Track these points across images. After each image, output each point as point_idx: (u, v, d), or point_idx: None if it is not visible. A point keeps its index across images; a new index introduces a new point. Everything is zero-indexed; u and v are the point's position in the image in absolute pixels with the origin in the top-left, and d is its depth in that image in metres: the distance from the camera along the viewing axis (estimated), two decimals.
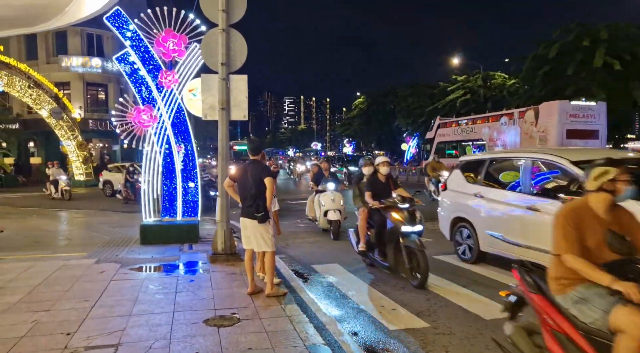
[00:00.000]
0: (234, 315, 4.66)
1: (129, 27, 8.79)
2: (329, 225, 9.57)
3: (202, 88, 7.41)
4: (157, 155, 8.86)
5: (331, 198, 9.62)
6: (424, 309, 5.03)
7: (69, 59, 33.66)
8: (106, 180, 20.92)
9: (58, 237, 9.75)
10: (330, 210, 9.52)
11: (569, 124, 16.88)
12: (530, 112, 18.87)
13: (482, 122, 23.94)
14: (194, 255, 7.58)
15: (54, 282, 5.89)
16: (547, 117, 17.49)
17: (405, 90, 51.17)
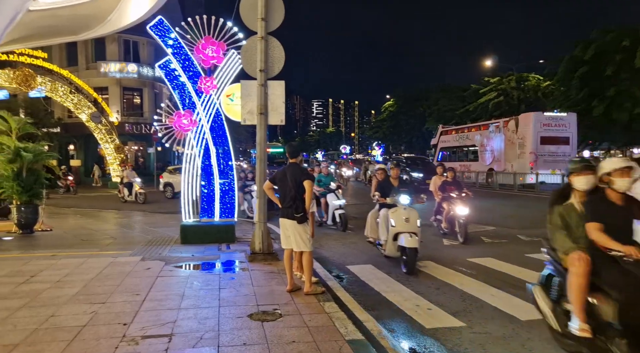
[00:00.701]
0: (275, 310, 4.90)
1: (170, 35, 9.18)
2: (400, 253, 7.13)
3: (242, 94, 7.71)
4: (196, 158, 9.22)
5: (404, 217, 7.06)
6: (460, 309, 5.15)
7: (107, 65, 34.88)
8: (167, 182, 20.54)
9: (103, 236, 10.23)
10: (403, 232, 6.98)
11: (543, 132, 19.55)
12: (512, 122, 21.65)
13: (475, 130, 26.37)
14: (233, 255, 7.88)
15: (106, 277, 6.26)
16: (525, 126, 20.16)
17: (437, 93, 50.85)
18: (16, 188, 10.06)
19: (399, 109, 60.30)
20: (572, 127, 20.31)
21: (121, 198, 18.97)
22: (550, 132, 19.61)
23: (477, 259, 7.55)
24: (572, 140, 19.89)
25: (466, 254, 7.94)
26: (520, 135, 20.33)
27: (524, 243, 9.01)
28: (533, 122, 19.64)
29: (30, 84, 23.29)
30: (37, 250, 8.44)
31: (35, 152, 10.50)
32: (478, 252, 8.11)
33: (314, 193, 9.56)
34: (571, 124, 20.37)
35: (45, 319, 4.57)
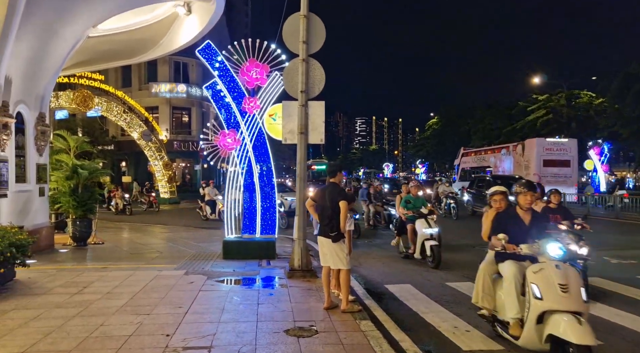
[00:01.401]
0: (312, 327, 4.97)
1: (217, 58, 9.59)
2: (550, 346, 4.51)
3: (283, 114, 7.95)
4: (239, 175, 9.51)
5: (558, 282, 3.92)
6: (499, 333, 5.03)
7: (158, 86, 36.60)
8: None
9: (150, 250, 10.66)
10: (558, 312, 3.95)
11: (545, 156, 21.70)
12: (519, 146, 23.74)
13: (490, 152, 28.93)
14: (272, 271, 8.03)
15: (151, 289, 6.55)
16: (530, 150, 22.30)
17: (482, 110, 49.93)
18: (72, 203, 10.70)
19: (443, 127, 59.57)
20: (572, 151, 22.24)
21: (203, 216, 18.65)
22: (552, 156, 21.64)
23: None
24: (572, 163, 21.84)
25: None
26: (526, 158, 22.41)
27: None
28: (536, 147, 21.89)
29: (88, 104, 24.71)
30: (89, 262, 8.92)
31: (91, 169, 11.14)
32: None
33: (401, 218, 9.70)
34: (572, 148, 22.30)
35: (95, 328, 4.84)
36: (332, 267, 5.82)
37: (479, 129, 48.37)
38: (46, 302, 5.86)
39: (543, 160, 21.38)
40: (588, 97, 37.66)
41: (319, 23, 7.76)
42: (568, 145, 22.37)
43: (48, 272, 7.75)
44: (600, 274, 7.75)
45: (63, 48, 10.25)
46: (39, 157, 10.11)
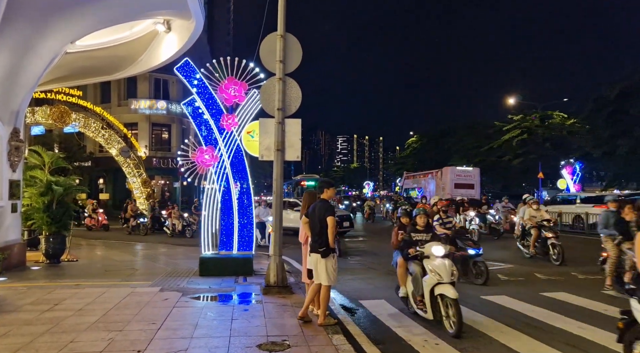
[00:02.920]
0: (284, 341, 5.01)
1: (195, 75, 9.69)
2: None
3: (260, 131, 8.06)
4: (216, 192, 9.54)
5: None
6: (468, 345, 5.15)
7: (137, 102, 36.41)
8: None
9: (125, 267, 10.54)
10: None
11: (456, 180, 26.96)
12: (439, 172, 29.09)
13: (422, 176, 34.52)
14: (248, 287, 8.04)
15: (125, 306, 6.50)
16: (445, 176, 27.61)
17: (462, 130, 50.87)
18: (46, 220, 10.54)
19: (424, 146, 60.36)
20: (476, 177, 27.88)
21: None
22: (461, 180, 26.97)
23: (490, 297, 7.50)
24: (476, 186, 27.11)
25: (479, 293, 7.89)
26: (443, 181, 27.68)
27: (541, 281, 8.89)
28: (450, 173, 27.49)
29: (66, 120, 24.46)
30: (62, 279, 8.78)
31: (66, 185, 11.03)
32: (492, 291, 8.04)
33: None
34: (476, 175, 28.00)
35: (65, 345, 4.80)
36: (315, 281, 5.85)
37: (459, 148, 49.17)
38: (15, 319, 5.77)
39: (454, 183, 26.82)
40: (560, 117, 38.78)
41: (295, 43, 7.96)
42: (473, 173, 28.27)
43: (19, 289, 7.61)
44: (565, 289, 7.97)
45: (39, 63, 10.22)
46: (12, 172, 9.98)
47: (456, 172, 27.72)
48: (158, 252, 13.53)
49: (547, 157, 36.14)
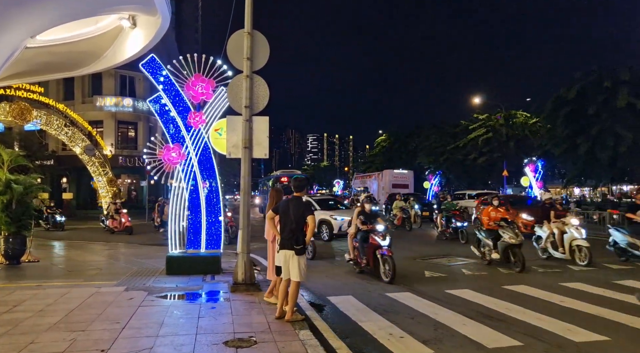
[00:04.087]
0: (251, 338, 5.03)
1: (162, 72, 9.57)
2: None
3: (227, 128, 8.03)
4: (183, 190, 9.43)
5: None
6: (431, 338, 5.30)
7: (103, 99, 35.51)
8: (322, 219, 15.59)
9: (89, 267, 10.30)
10: None
11: (394, 181, 32.01)
12: (380, 174, 34.10)
13: (368, 177, 39.68)
14: (216, 285, 8.00)
15: (88, 306, 6.37)
16: (385, 177, 32.65)
17: (429, 129, 51.72)
18: (4, 220, 10.19)
19: (392, 145, 61.09)
20: (410, 178, 33.25)
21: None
22: (398, 181, 31.95)
23: (454, 291, 7.70)
24: (410, 186, 32.27)
25: (444, 287, 8.10)
26: (384, 182, 32.29)
27: (503, 275, 9.18)
28: (389, 175, 32.70)
29: (26, 117, 23.61)
30: (22, 280, 8.53)
31: (26, 184, 10.69)
32: (455, 286, 8.26)
33: None
34: (410, 177, 33.39)
35: (24, 346, 4.68)
36: (284, 277, 5.88)
37: (425, 146, 49.98)
38: None
39: (392, 184, 31.59)
40: (523, 117, 39.91)
41: (262, 40, 7.95)
42: (407, 175, 33.68)
43: None
44: (526, 282, 8.28)
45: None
46: None
47: (394, 175, 33.33)
48: (122, 251, 13.26)
49: (511, 156, 37.17)
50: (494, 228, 10.20)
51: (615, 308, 6.49)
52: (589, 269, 9.66)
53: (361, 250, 9.35)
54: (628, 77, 24.47)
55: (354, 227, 9.64)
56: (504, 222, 10.10)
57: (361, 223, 9.45)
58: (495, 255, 10.04)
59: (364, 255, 9.25)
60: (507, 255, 9.78)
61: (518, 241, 9.62)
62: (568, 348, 4.90)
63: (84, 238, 16.92)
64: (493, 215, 10.42)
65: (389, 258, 8.58)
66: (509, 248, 9.72)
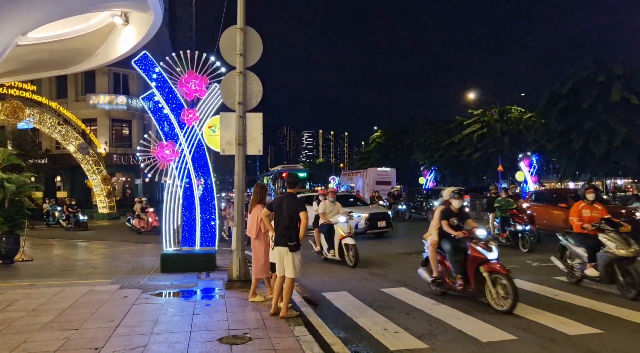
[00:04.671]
0: (245, 334, 5.02)
1: (154, 69, 9.51)
2: None
3: (221, 125, 8.00)
4: (177, 188, 9.40)
5: None
6: (425, 333, 5.31)
7: (96, 97, 35.31)
8: None
9: (84, 266, 10.26)
10: None
11: (377, 178, 32.85)
12: (365, 171, 35.26)
13: (354, 174, 40.68)
14: (211, 282, 7.98)
15: (82, 305, 6.34)
16: (369, 175, 33.61)
17: (423, 125, 51.78)
18: None
19: (387, 141, 61.09)
20: (392, 175, 34.16)
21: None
22: (380, 178, 32.98)
23: None
24: (392, 183, 33.13)
25: None
26: (368, 179, 33.31)
27: None
28: (372, 173, 33.95)
29: (19, 115, 23.46)
30: (15, 280, 8.48)
31: (19, 183, 10.62)
32: None
33: None
34: (391, 174, 34.29)
35: (17, 345, 4.65)
36: (279, 274, 5.88)
37: (420, 142, 50.03)
38: None
39: (376, 181, 32.74)
40: (518, 112, 39.99)
41: (255, 36, 7.92)
42: (389, 172, 34.74)
43: None
44: (520, 276, 8.30)
45: None
46: None
47: (377, 172, 35.07)
48: (116, 250, 13.21)
49: (505, 151, 37.27)
50: (591, 233, 7.33)
51: (610, 301, 6.52)
52: None
53: (453, 265, 6.74)
54: (622, 72, 24.55)
55: (436, 232, 7.11)
56: (606, 224, 7.28)
57: (451, 227, 6.88)
58: (592, 271, 7.26)
59: (457, 272, 6.67)
60: (611, 272, 7.02)
61: (632, 253, 6.79)
62: (562, 341, 4.92)
63: (113, 239, 16.31)
64: (587, 214, 7.64)
65: (505, 277, 6.08)
66: (615, 262, 6.94)
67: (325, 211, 10.71)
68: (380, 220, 15.02)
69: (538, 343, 4.88)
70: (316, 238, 10.93)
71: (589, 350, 4.67)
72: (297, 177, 6.48)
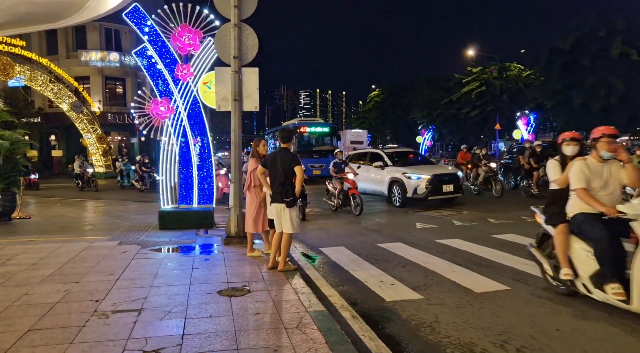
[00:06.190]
0: (244, 287, 5.11)
1: (146, 22, 9.22)
2: None
3: (216, 80, 7.83)
4: (173, 146, 9.32)
5: None
6: (421, 284, 5.41)
7: (88, 54, 34.46)
8: None
9: (82, 223, 10.32)
10: None
11: (351, 138, 34.29)
12: (342, 133, 36.04)
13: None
14: (209, 239, 8.06)
15: (81, 260, 6.41)
16: (346, 136, 34.81)
17: (423, 84, 51.05)
18: None
19: (385, 100, 60.48)
20: (364, 136, 36.02)
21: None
22: (354, 139, 34.36)
23: (444, 241, 7.83)
24: (365, 143, 34.70)
25: (435, 237, 8.22)
26: (344, 139, 34.32)
27: (493, 225, 9.31)
28: (348, 134, 35.62)
29: (9, 72, 22.92)
30: (14, 236, 8.53)
31: (12, 139, 10.50)
32: (447, 235, 8.38)
33: None
34: (364, 134, 36.37)
35: (18, 297, 4.72)
36: (277, 230, 5.91)
37: (419, 100, 49.56)
38: None
39: (350, 141, 34.29)
40: (517, 69, 39.44)
41: None
42: (362, 133, 36.84)
43: None
44: (515, 231, 8.41)
45: None
46: None
47: (351, 133, 37.49)
48: (115, 208, 13.28)
49: (503, 109, 37.02)
50: None
51: None
52: None
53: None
54: (623, 26, 24.05)
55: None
56: None
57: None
58: None
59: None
60: None
61: None
62: (552, 291, 5.02)
63: (74, 196, 16.83)
64: None
65: None
66: None
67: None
68: (447, 183, 12.06)
69: (530, 293, 4.98)
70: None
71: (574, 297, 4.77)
72: (291, 131, 6.39)
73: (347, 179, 11.51)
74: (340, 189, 11.59)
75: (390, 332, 4.07)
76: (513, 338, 3.83)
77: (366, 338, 3.80)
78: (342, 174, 11.68)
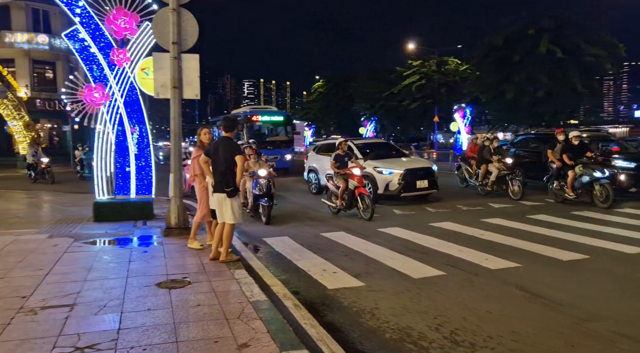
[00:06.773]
0: (185, 279, 5.01)
1: (78, 3, 8.72)
2: None
3: (154, 66, 7.55)
4: (109, 134, 8.92)
5: None
6: (362, 272, 5.54)
7: (12, 35, 32.08)
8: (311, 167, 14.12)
9: (7, 216, 9.67)
10: None
11: None
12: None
13: None
14: (148, 230, 7.81)
15: (6, 254, 6.02)
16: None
17: (365, 75, 51.66)
18: None
19: (329, 90, 60.76)
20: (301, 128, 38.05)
21: None
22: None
23: (385, 229, 8.04)
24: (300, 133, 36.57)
25: (377, 225, 8.42)
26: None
27: (431, 214, 9.67)
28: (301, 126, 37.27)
29: None
30: None
31: None
32: (387, 224, 8.61)
33: None
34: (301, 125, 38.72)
35: None
36: (219, 220, 5.81)
37: (362, 92, 50.20)
38: None
39: None
40: (455, 63, 40.91)
41: None
42: (299, 125, 38.11)
43: None
44: (451, 219, 8.78)
45: None
46: None
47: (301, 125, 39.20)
48: (45, 199, 12.55)
49: (442, 102, 38.31)
50: None
51: (528, 239, 7.05)
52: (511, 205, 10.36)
53: None
54: (551, 25, 25.47)
55: None
56: None
57: None
58: None
59: None
60: None
61: None
62: (484, 275, 5.31)
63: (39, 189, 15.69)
64: None
65: None
66: None
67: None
68: (422, 178, 11.05)
69: (463, 278, 5.24)
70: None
71: (505, 281, 5.09)
72: (235, 120, 6.31)
73: (352, 176, 9.30)
74: (345, 188, 9.33)
75: (332, 319, 4.15)
76: (447, 322, 4.02)
77: (308, 326, 3.85)
78: (345, 169, 9.52)
